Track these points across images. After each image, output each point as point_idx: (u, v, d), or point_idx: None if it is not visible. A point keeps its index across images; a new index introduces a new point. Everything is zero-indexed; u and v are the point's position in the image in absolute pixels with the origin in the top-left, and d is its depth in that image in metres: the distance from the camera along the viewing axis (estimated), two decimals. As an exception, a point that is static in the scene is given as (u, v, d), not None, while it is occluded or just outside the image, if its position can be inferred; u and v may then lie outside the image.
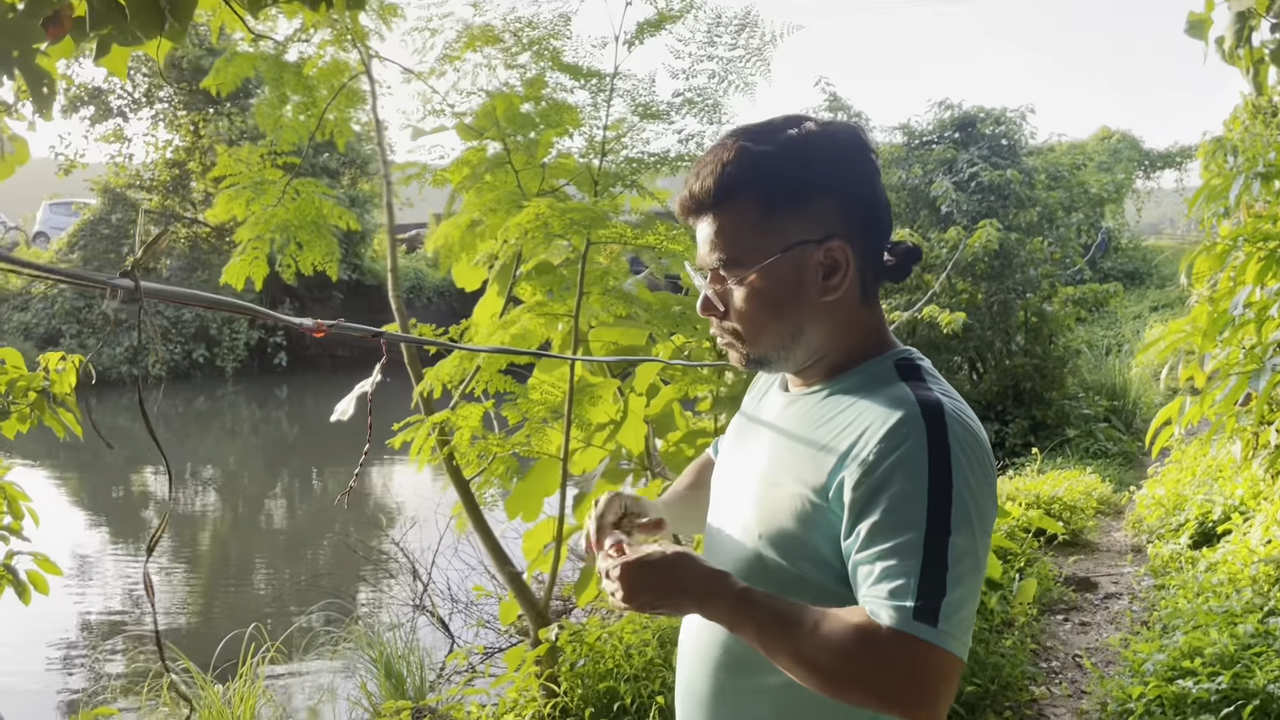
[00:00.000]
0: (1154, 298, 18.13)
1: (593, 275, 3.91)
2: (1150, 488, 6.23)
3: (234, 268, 4.47)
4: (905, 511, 1.08)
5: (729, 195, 1.21)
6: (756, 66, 3.80)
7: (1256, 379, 2.70)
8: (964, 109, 11.28)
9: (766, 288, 1.21)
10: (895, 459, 1.10)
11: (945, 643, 1.04)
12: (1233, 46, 4.05)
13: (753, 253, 1.21)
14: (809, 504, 1.18)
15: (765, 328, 1.24)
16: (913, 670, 1.04)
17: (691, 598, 1.16)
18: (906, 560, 1.06)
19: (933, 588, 1.05)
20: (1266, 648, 3.31)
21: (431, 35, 4.15)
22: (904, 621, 1.04)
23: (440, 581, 6.35)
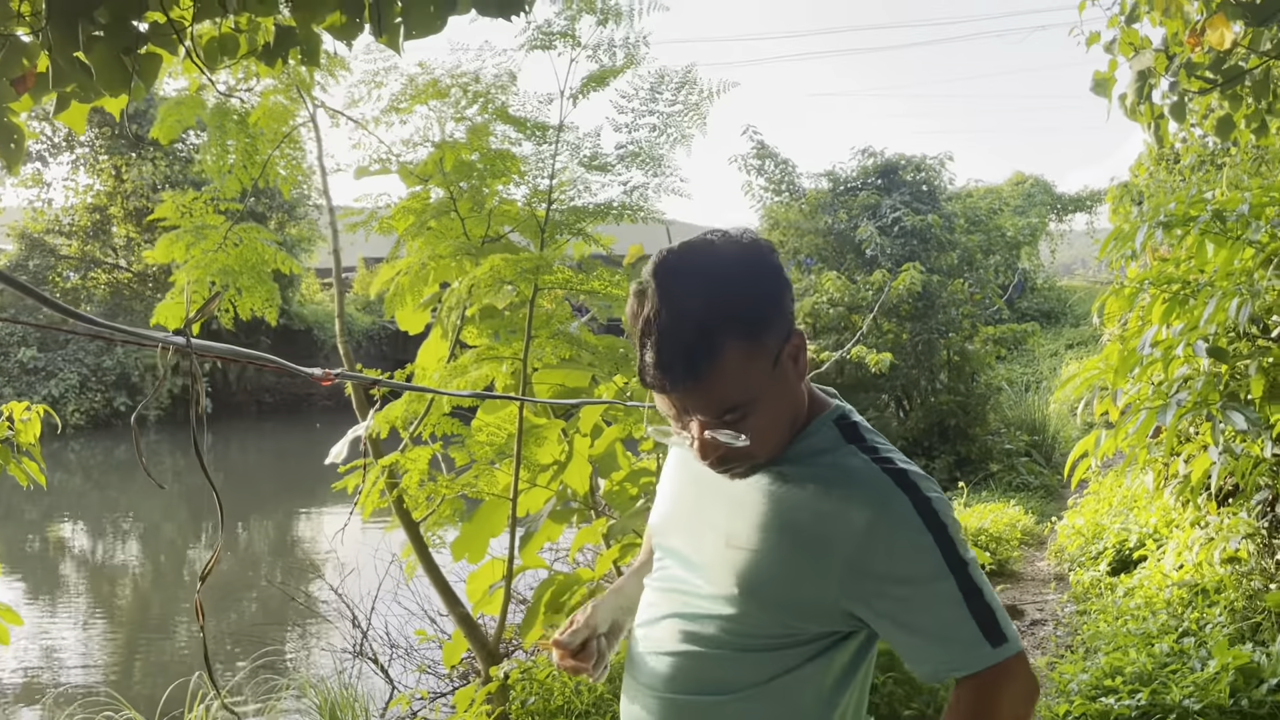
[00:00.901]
0: (1069, 336, 18.80)
1: (539, 319, 4.02)
2: (1070, 518, 6.50)
3: (167, 308, 4.47)
4: (929, 570, 1.19)
5: (714, 355, 1.20)
6: (694, 121, 3.98)
7: (1164, 413, 2.92)
8: (886, 156, 11.71)
9: (772, 405, 1.26)
10: (902, 536, 1.20)
11: (1019, 646, 1.19)
12: (1134, 103, 4.36)
13: (754, 383, 1.23)
14: (796, 573, 1.24)
15: (775, 434, 1.28)
16: (1018, 683, 1.18)
17: None
18: (958, 614, 1.18)
19: (986, 617, 1.18)
20: (1181, 665, 3.52)
21: (377, 88, 4.26)
22: (990, 657, 1.17)
23: (379, 627, 6.31)
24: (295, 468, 17.42)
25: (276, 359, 1.42)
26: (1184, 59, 4.11)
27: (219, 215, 4.72)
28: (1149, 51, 4.24)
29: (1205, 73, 4.12)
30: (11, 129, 2.47)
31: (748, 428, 1.24)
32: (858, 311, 9.78)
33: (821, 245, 11.28)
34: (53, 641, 7.98)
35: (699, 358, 1.20)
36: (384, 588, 6.36)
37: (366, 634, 6.25)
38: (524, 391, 3.99)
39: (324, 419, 20.01)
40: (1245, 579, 3.79)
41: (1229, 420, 2.83)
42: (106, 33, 2.54)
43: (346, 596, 6.59)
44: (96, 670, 7.38)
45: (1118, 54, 4.40)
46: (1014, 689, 1.18)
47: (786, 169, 11.71)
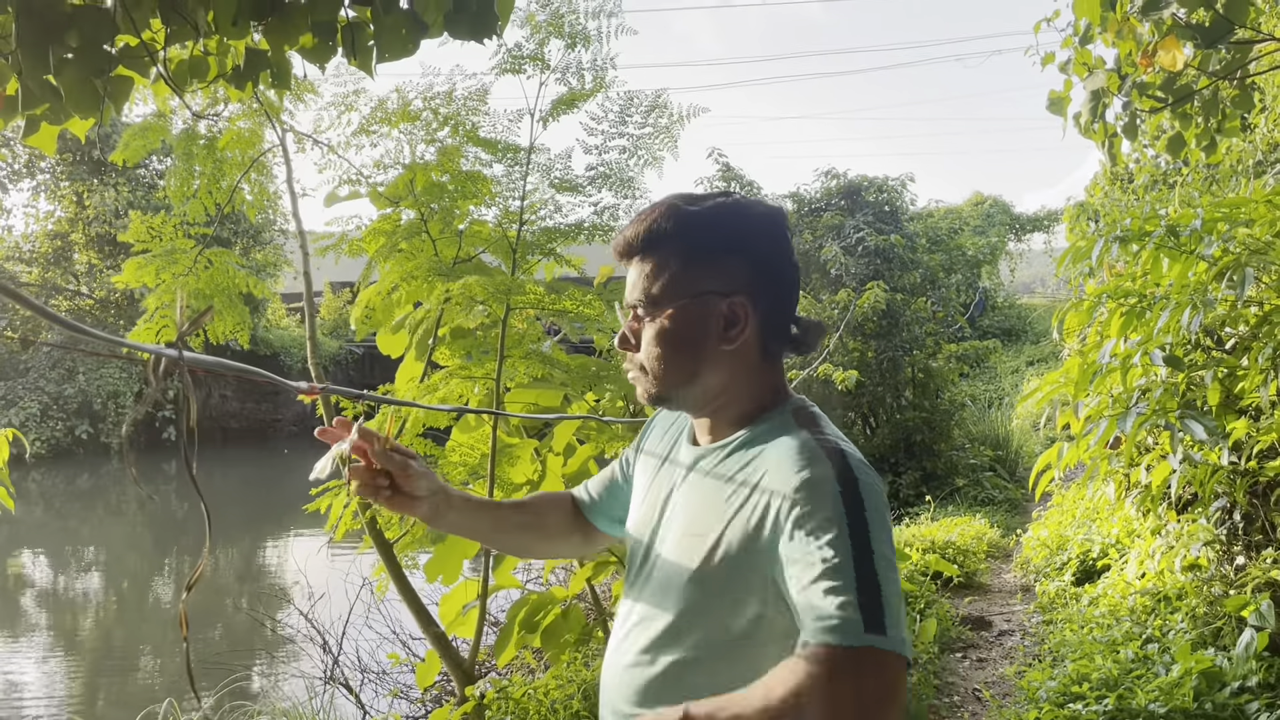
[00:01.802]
0: (1029, 353, 19.09)
1: (511, 339, 4.05)
2: (1035, 530, 6.60)
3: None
4: (828, 538, 1.14)
5: (655, 244, 1.35)
6: (664, 143, 4.03)
7: (1123, 421, 3.00)
8: (849, 178, 11.85)
9: (673, 329, 1.33)
10: (813, 502, 1.18)
11: (899, 648, 1.10)
12: (1088, 122, 4.48)
13: (667, 296, 1.33)
14: (743, 563, 1.24)
15: (667, 364, 1.34)
16: (881, 678, 1.08)
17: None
18: (842, 583, 1.11)
19: (872, 602, 1.10)
20: (1146, 671, 3.59)
21: (347, 111, 4.29)
22: (858, 638, 1.08)
23: (350, 652, 6.27)
24: (262, 494, 17.24)
25: (267, 374, 1.44)
26: (1136, 79, 4.24)
27: (188, 239, 4.72)
28: (1102, 72, 4.37)
29: (1156, 92, 4.25)
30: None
31: (647, 338, 1.35)
32: (824, 330, 9.88)
33: (787, 265, 11.36)
34: (13, 676, 7.84)
35: (645, 234, 1.36)
36: (355, 612, 6.32)
37: (338, 659, 6.21)
38: (498, 409, 4.00)
39: (290, 445, 19.83)
40: (1206, 585, 3.87)
41: (1188, 430, 2.90)
42: (77, 55, 2.55)
43: (317, 622, 6.54)
44: (57, 702, 7.26)
45: (1072, 74, 4.52)
46: (873, 683, 1.08)
47: (751, 190, 11.83)
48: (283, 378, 1.58)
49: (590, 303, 4.07)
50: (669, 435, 1.53)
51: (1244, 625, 3.38)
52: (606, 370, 4.35)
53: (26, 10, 2.31)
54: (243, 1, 2.53)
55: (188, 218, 4.69)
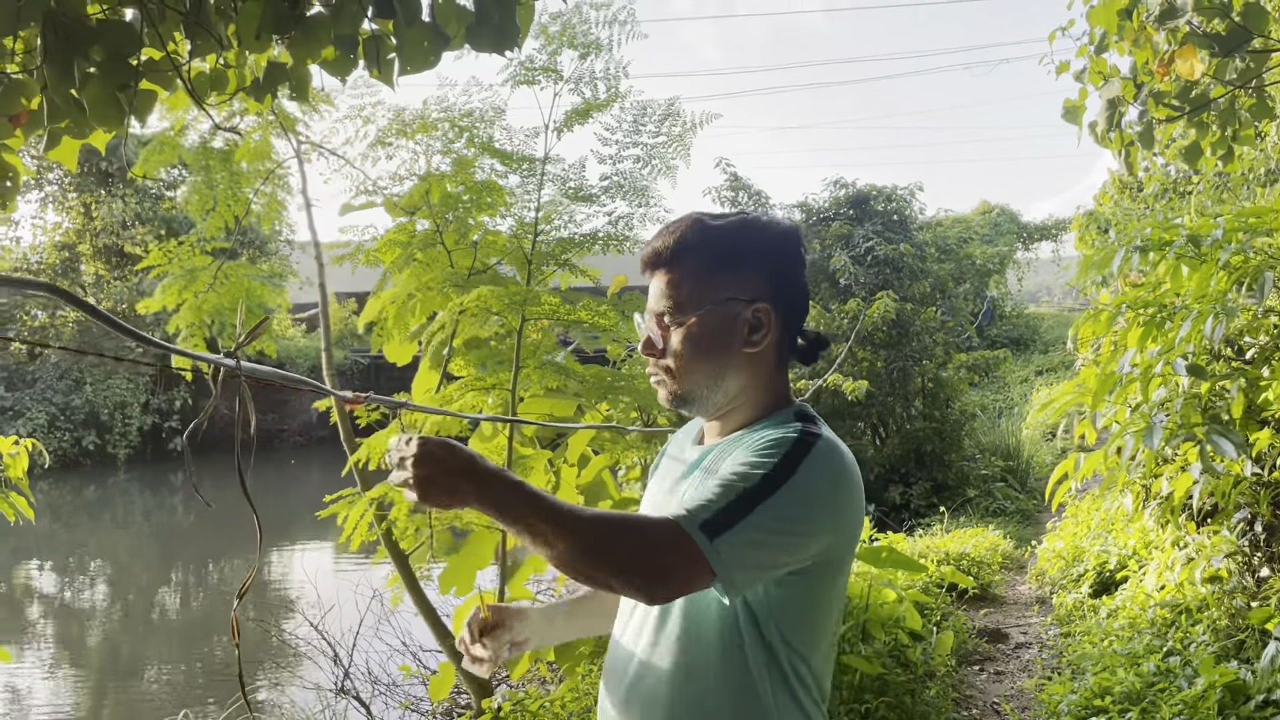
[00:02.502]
0: (1038, 362, 19.03)
1: (526, 349, 4.04)
2: (1050, 541, 6.56)
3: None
4: (745, 471, 1.27)
5: (683, 254, 1.44)
6: (678, 151, 4.03)
7: (1149, 436, 2.97)
8: (857, 187, 11.84)
9: (701, 333, 1.42)
10: (759, 447, 1.31)
11: (709, 553, 1.20)
12: (1104, 131, 4.46)
13: (694, 302, 1.43)
14: None
15: (695, 367, 1.43)
16: (668, 551, 1.20)
17: (474, 478, 1.25)
18: (721, 497, 1.24)
19: (728, 520, 1.22)
20: (1169, 684, 3.56)
21: (364, 124, 4.29)
22: (687, 523, 1.21)
23: (360, 664, 6.24)
24: (270, 505, 17.22)
25: (315, 383, 1.44)
26: (1152, 88, 4.23)
27: (205, 256, 4.73)
28: (1118, 80, 4.35)
29: (1172, 101, 4.23)
30: (6, 167, 2.47)
31: (675, 342, 1.43)
32: (833, 340, 9.86)
33: (796, 275, 11.34)
34: (20, 686, 7.83)
35: (671, 246, 1.44)
36: (365, 624, 6.30)
37: (349, 671, 6.18)
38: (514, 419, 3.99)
39: (297, 456, 19.83)
40: (1228, 597, 3.84)
41: (1217, 447, 2.88)
42: (101, 69, 2.56)
43: (327, 633, 6.52)
44: (65, 712, 7.25)
45: (1087, 83, 4.51)
46: (670, 559, 1.20)
47: (760, 200, 11.83)
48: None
49: (605, 313, 4.07)
50: (680, 443, 1.62)
51: (1268, 638, 3.35)
52: (620, 381, 4.34)
53: (52, 24, 2.31)
54: (266, 15, 2.54)
55: (205, 232, 4.71)
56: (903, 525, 8.84)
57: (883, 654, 3.82)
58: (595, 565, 1.22)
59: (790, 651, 1.35)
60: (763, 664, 1.34)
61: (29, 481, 2.49)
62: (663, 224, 1.51)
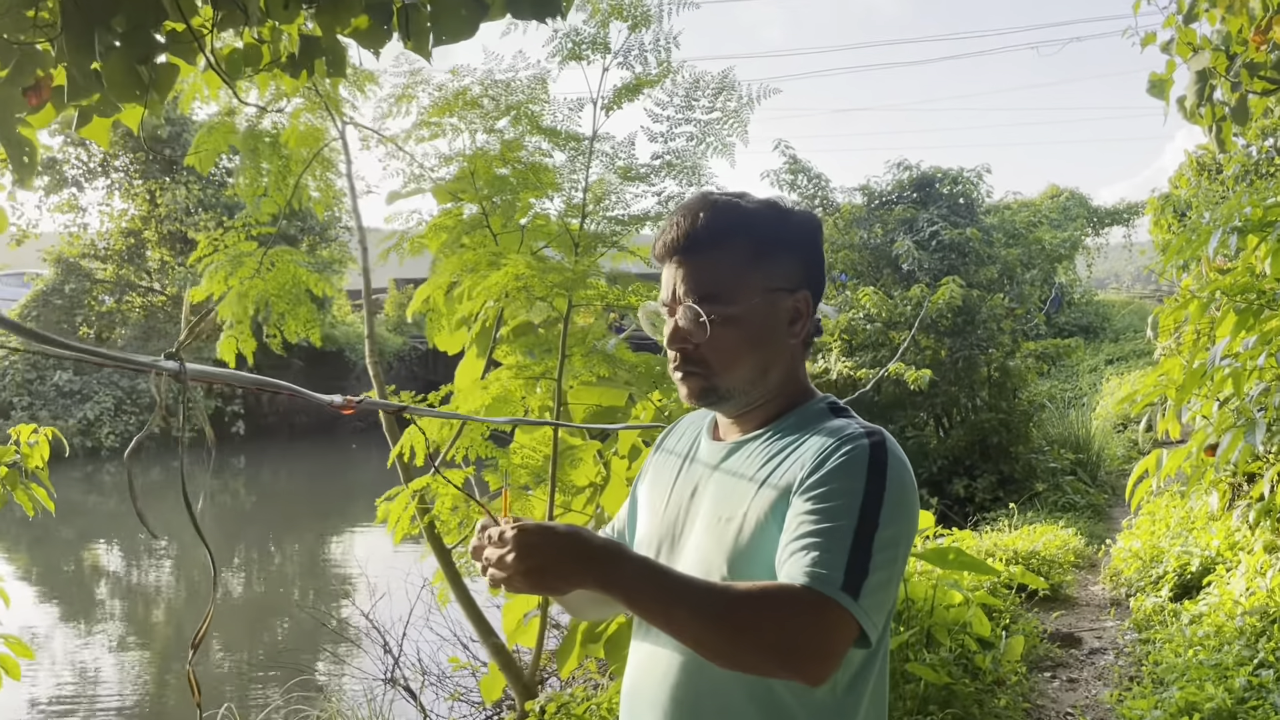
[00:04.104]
0: (1108, 351, 18.45)
1: (574, 336, 3.88)
2: (1126, 540, 6.25)
3: (225, 345, 4.43)
4: (841, 503, 1.18)
5: (722, 237, 1.33)
6: (734, 128, 3.82)
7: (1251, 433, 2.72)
8: (922, 169, 11.49)
9: (751, 323, 1.33)
10: (838, 463, 1.22)
11: (859, 614, 1.13)
12: (1194, 106, 4.17)
13: (738, 291, 1.32)
14: (774, 527, 1.24)
15: (740, 361, 1.33)
16: (826, 630, 1.12)
17: (594, 563, 1.15)
18: (837, 544, 1.15)
19: (858, 569, 1.14)
20: (1262, 701, 3.30)
21: (408, 101, 4.15)
22: (830, 588, 1.12)
23: (410, 653, 6.17)
24: (328, 489, 17.39)
25: (291, 386, 1.29)
26: (1246, 58, 3.92)
27: (251, 241, 4.65)
28: (1208, 51, 4.05)
29: (1269, 73, 3.93)
30: (23, 141, 2.37)
31: (717, 334, 1.31)
32: (895, 328, 9.57)
33: (857, 260, 11.07)
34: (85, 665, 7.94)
35: (704, 230, 1.33)
36: (416, 612, 6.23)
37: (398, 660, 6.12)
38: (559, 411, 3.84)
39: (359, 440, 19.99)
40: (1327, 607, 3.56)
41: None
42: (123, 41, 2.45)
43: (378, 621, 6.47)
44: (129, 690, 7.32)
45: (1175, 55, 4.21)
46: (822, 633, 1.12)
47: (820, 183, 11.52)
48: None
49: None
50: (686, 437, 1.51)
51: (1376, 655, 3.07)
52: (672, 369, 4.17)
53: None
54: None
55: (255, 217, 4.63)
56: (967, 519, 8.55)
57: (949, 662, 3.60)
58: (746, 652, 1.13)
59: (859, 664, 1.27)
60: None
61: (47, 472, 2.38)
62: (680, 207, 1.39)
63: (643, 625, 1.38)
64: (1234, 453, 2.75)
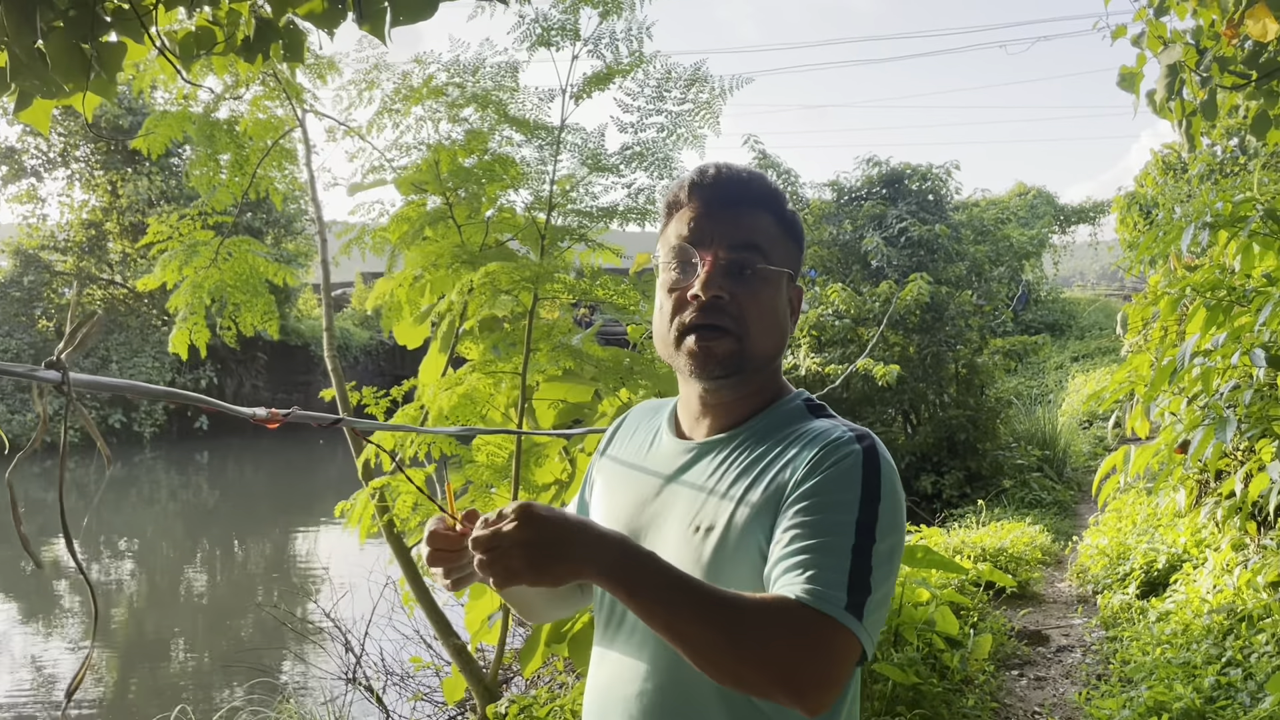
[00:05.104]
0: (1074, 348, 18.58)
1: (539, 330, 3.80)
2: (1092, 537, 6.25)
3: (177, 337, 4.30)
4: (837, 515, 1.12)
5: (762, 199, 1.28)
6: (706, 120, 3.76)
7: (1222, 430, 2.69)
8: (891, 165, 11.49)
9: (780, 297, 1.28)
10: (831, 471, 1.15)
11: (863, 636, 1.07)
12: (1163, 100, 4.14)
13: (775, 253, 1.27)
14: (760, 538, 1.17)
15: (771, 327, 1.26)
16: (831, 653, 1.06)
17: (599, 547, 1.08)
18: (838, 561, 1.09)
19: (860, 586, 1.09)
20: (1230, 701, 3.28)
21: (370, 88, 4.05)
22: (834, 608, 1.06)
23: (373, 653, 6.07)
24: (293, 485, 17.17)
25: (200, 397, 1.21)
26: (1217, 53, 3.91)
27: (208, 231, 4.53)
28: (1179, 45, 4.03)
29: (1239, 68, 3.91)
30: (-43, 122, 2.26)
31: (752, 287, 1.24)
32: (864, 324, 9.56)
33: (826, 256, 11.05)
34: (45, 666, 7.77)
35: (754, 183, 1.28)
36: (379, 610, 6.12)
37: (360, 659, 6.01)
38: (523, 406, 3.76)
39: (326, 435, 19.76)
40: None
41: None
42: (66, 19, 2.34)
43: (340, 620, 6.35)
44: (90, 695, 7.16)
45: (1145, 48, 4.19)
46: (826, 654, 1.05)
47: (789, 179, 11.50)
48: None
49: (624, 292, 3.81)
50: (641, 432, 1.40)
51: (1344, 653, 3.06)
52: (639, 364, 4.09)
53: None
54: (239, -44, 2.30)
55: (210, 207, 4.51)
56: (934, 516, 8.55)
57: (916, 661, 3.56)
58: (749, 669, 1.05)
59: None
60: None
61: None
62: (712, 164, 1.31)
63: (610, 630, 1.29)
64: (1206, 450, 2.72)
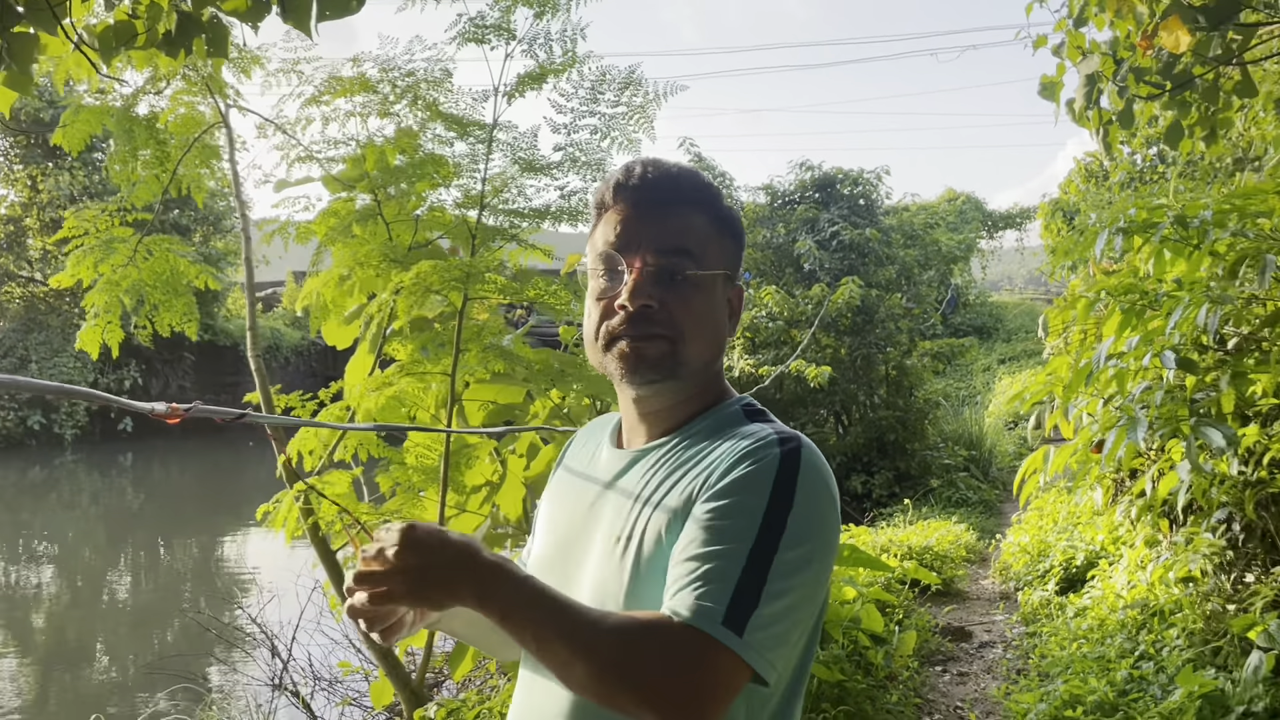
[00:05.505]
0: (1001, 351, 19.00)
1: (470, 331, 3.77)
2: (1015, 535, 6.40)
3: (87, 334, 4.17)
4: (738, 522, 1.05)
5: (694, 196, 1.21)
6: (640, 123, 3.77)
7: (1134, 430, 2.78)
8: (823, 170, 11.64)
9: (714, 299, 1.21)
10: (742, 475, 1.08)
11: (746, 653, 1.00)
12: (1082, 108, 4.27)
13: (706, 256, 1.20)
14: (670, 547, 1.11)
15: (704, 331, 1.20)
16: (701, 672, 0.99)
17: (475, 574, 1.03)
18: (727, 569, 1.03)
19: (748, 598, 1.02)
20: (1142, 693, 3.38)
21: (298, 82, 3.98)
22: (708, 623, 1.00)
23: (301, 658, 5.97)
24: (221, 487, 16.81)
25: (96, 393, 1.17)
26: (1133, 63, 4.03)
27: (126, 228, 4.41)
28: (1097, 55, 4.15)
29: (1154, 78, 4.04)
30: None
31: (688, 294, 1.18)
32: (797, 326, 9.66)
33: (760, 259, 11.16)
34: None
35: (677, 182, 1.21)
36: (307, 614, 6.03)
37: (287, 664, 5.91)
38: (452, 409, 3.74)
39: (255, 436, 19.38)
40: (1203, 600, 3.67)
41: (1205, 438, 2.69)
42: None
43: (268, 624, 6.24)
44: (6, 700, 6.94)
45: (1065, 58, 4.30)
46: (699, 673, 0.99)
47: (724, 182, 11.58)
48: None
49: (556, 292, 3.80)
50: (589, 445, 1.36)
51: (1249, 645, 3.17)
52: (571, 366, 4.09)
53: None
54: (156, -54, 2.26)
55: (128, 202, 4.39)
56: (864, 515, 8.68)
57: (841, 658, 3.61)
58: (616, 692, 1.00)
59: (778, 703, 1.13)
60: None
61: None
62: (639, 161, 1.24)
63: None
64: (1119, 450, 2.80)
